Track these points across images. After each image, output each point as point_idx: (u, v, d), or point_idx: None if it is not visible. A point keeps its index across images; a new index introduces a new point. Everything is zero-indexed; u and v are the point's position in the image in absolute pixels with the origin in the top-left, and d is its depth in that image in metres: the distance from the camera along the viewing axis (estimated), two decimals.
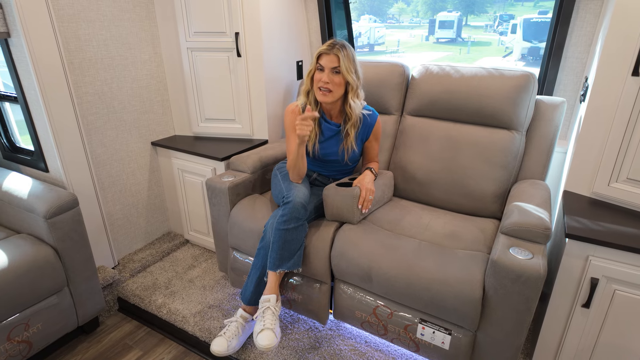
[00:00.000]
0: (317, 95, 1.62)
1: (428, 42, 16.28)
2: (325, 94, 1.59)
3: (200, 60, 2.14)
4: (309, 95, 1.67)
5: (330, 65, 1.57)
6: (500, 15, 18.80)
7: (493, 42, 16.02)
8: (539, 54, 10.36)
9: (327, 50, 1.57)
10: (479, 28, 18.70)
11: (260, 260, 1.64)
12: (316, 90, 1.62)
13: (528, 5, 19.25)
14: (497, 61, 12.96)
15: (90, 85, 1.93)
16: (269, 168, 2.03)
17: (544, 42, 1.97)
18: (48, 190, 1.71)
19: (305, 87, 1.67)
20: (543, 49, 2.00)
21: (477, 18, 19.43)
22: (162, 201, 2.42)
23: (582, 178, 1.55)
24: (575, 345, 1.43)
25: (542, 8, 16.03)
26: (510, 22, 15.97)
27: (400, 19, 19.45)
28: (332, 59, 1.56)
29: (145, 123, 2.22)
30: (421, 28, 18.56)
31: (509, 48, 13.66)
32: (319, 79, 1.59)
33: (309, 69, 1.64)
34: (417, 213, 1.78)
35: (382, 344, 1.71)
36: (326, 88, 1.58)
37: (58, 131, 1.78)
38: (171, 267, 2.23)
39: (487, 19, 19.12)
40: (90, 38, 1.89)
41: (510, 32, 14.34)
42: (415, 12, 20.70)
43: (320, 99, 1.61)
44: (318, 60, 1.60)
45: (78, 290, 1.74)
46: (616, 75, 1.40)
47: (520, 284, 1.25)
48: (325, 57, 1.58)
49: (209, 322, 1.82)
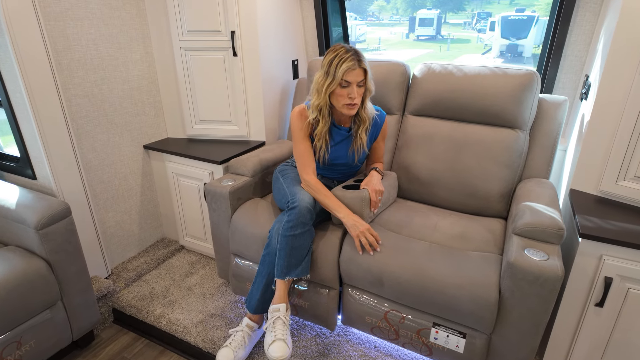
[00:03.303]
0: (343, 110, 1.55)
1: (408, 39, 16.43)
2: (352, 108, 1.54)
3: (194, 59, 2.07)
4: (322, 110, 1.58)
5: (358, 79, 1.50)
6: (478, 13, 19.09)
7: (472, 40, 16.27)
8: (517, 51, 10.50)
9: (354, 66, 1.47)
10: (458, 25, 18.98)
11: (266, 267, 1.59)
12: (341, 107, 1.54)
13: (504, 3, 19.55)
14: (476, 58, 13.17)
15: (79, 87, 1.83)
16: (270, 171, 1.97)
17: (522, 39, 1.98)
18: (38, 199, 1.62)
19: (318, 101, 1.55)
20: (520, 46, 2.01)
21: (456, 16, 19.70)
22: (155, 206, 2.33)
23: (589, 176, 1.56)
24: (588, 344, 1.44)
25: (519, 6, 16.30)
26: (488, 19, 16.22)
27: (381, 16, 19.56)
28: (360, 74, 1.50)
29: (137, 126, 2.12)
30: (401, 25, 18.71)
31: (488, 45, 13.90)
32: (346, 95, 1.51)
33: (326, 82, 1.50)
34: (423, 214, 1.76)
35: (392, 349, 1.68)
36: (355, 103, 1.53)
37: (47, 136, 1.68)
38: (168, 274, 2.15)
39: (466, 17, 19.39)
40: (79, 37, 1.79)
41: (489, 30, 14.60)
42: (395, 10, 20.82)
43: (347, 112, 1.55)
44: (344, 77, 1.48)
45: (72, 304, 1.65)
46: (623, 74, 1.41)
47: (538, 286, 1.24)
48: (352, 72, 1.48)
49: (212, 332, 1.75)
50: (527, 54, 11.63)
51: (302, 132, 1.63)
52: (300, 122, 1.63)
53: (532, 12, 12.59)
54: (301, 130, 1.63)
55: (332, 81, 1.50)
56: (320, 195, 1.58)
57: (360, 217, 1.55)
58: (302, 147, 1.64)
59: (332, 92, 1.54)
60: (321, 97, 1.54)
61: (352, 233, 1.52)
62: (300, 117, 1.63)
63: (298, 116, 1.63)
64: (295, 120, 1.63)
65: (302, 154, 1.63)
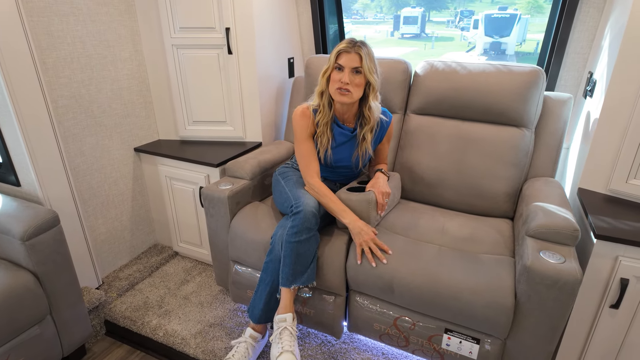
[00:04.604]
0: (335, 95, 1.49)
1: (393, 37, 16.47)
2: (344, 94, 1.47)
3: (187, 58, 1.97)
4: (323, 96, 1.54)
5: (351, 65, 1.44)
6: (461, 11, 19.30)
7: (456, 38, 16.41)
8: (500, 49, 10.58)
9: (348, 48, 1.44)
10: (441, 24, 19.12)
11: (269, 275, 1.52)
12: (333, 92, 1.49)
13: (486, 1, 19.72)
14: (460, 56, 13.28)
15: (66, 88, 1.72)
16: (269, 173, 1.90)
17: (505, 37, 1.96)
18: (23, 207, 1.51)
19: (319, 87, 1.54)
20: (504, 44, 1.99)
21: (439, 14, 19.85)
22: (147, 212, 2.23)
23: (598, 175, 1.54)
24: (602, 345, 1.41)
25: (500, 4, 16.51)
26: (471, 18, 16.39)
27: (365, 14, 19.58)
28: (354, 58, 1.44)
29: (127, 128, 2.02)
30: (386, 24, 18.76)
31: (472, 43, 14.03)
32: (338, 79, 1.46)
33: (325, 68, 1.51)
34: (429, 216, 1.71)
35: (400, 355, 1.63)
36: (346, 89, 1.46)
37: (31, 140, 1.57)
38: (162, 283, 2.05)
39: (449, 15, 19.56)
40: (64, 34, 1.68)
41: (472, 28, 14.73)
42: (379, 8, 20.88)
43: (339, 99, 1.49)
44: (337, 59, 1.47)
45: (62, 318, 1.55)
46: (634, 72, 1.38)
47: (556, 290, 1.21)
48: (346, 55, 1.44)
49: (213, 343, 1.67)
50: (510, 52, 11.78)
51: (305, 131, 1.56)
52: (302, 121, 1.56)
53: (514, 10, 12.74)
54: (304, 130, 1.56)
55: (328, 66, 1.49)
56: (325, 199, 1.51)
57: (367, 222, 1.50)
58: (305, 147, 1.57)
59: (330, 79, 1.50)
60: (322, 82, 1.53)
61: (355, 240, 1.47)
62: (302, 116, 1.56)
63: (301, 115, 1.56)
64: (297, 119, 1.56)
65: (305, 154, 1.57)
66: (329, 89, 1.51)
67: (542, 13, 15.60)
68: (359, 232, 1.45)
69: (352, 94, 1.46)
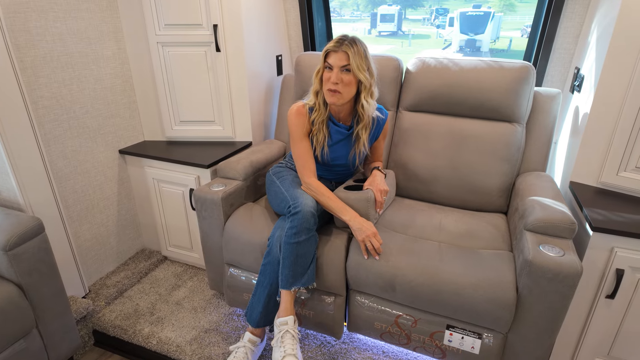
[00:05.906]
0: (326, 96, 1.47)
1: (371, 35, 16.55)
2: (334, 95, 1.45)
3: (173, 56, 1.91)
4: (318, 95, 1.52)
5: (340, 64, 1.42)
6: (436, 9, 19.53)
7: (432, 35, 16.62)
8: (475, 46, 10.81)
9: (335, 48, 1.42)
10: (417, 21, 19.31)
11: (267, 277, 1.48)
12: (325, 92, 1.47)
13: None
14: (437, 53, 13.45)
15: (45, 88, 1.64)
16: (261, 173, 1.86)
17: (480, 34, 1.99)
18: (4, 215, 1.43)
19: (314, 87, 1.52)
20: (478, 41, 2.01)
21: (415, 12, 20.05)
22: (133, 215, 2.15)
23: (589, 168, 1.57)
24: (598, 335, 1.44)
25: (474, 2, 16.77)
26: (447, 15, 16.63)
27: (342, 12, 19.60)
28: (341, 57, 1.42)
29: (112, 129, 1.94)
30: (363, 22, 18.80)
31: (448, 40, 14.25)
32: (328, 79, 1.45)
33: (317, 68, 1.49)
34: (425, 212, 1.71)
35: (401, 353, 1.63)
36: (335, 89, 1.43)
37: (10, 143, 1.48)
38: (152, 289, 1.98)
39: (424, 13, 19.77)
40: (43, 32, 1.60)
41: (448, 25, 14.95)
42: (356, 6, 20.90)
43: (330, 100, 1.47)
44: (326, 59, 1.45)
45: (49, 330, 1.48)
46: (624, 66, 1.41)
47: (558, 283, 1.22)
48: (333, 55, 1.43)
49: (209, 349, 1.63)
50: (485, 49, 12.03)
51: (301, 130, 1.53)
52: (298, 120, 1.53)
53: (488, 8, 13.03)
54: (300, 129, 1.53)
55: (320, 66, 1.49)
56: (323, 198, 1.49)
57: (366, 220, 1.48)
58: (301, 146, 1.54)
59: (323, 78, 1.49)
60: (315, 82, 1.51)
61: (357, 237, 1.45)
62: (298, 115, 1.53)
63: (296, 114, 1.53)
64: (293, 118, 1.53)
65: (302, 153, 1.54)
66: (322, 89, 1.50)
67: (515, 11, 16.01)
68: (360, 228, 1.44)
69: (342, 94, 1.45)
